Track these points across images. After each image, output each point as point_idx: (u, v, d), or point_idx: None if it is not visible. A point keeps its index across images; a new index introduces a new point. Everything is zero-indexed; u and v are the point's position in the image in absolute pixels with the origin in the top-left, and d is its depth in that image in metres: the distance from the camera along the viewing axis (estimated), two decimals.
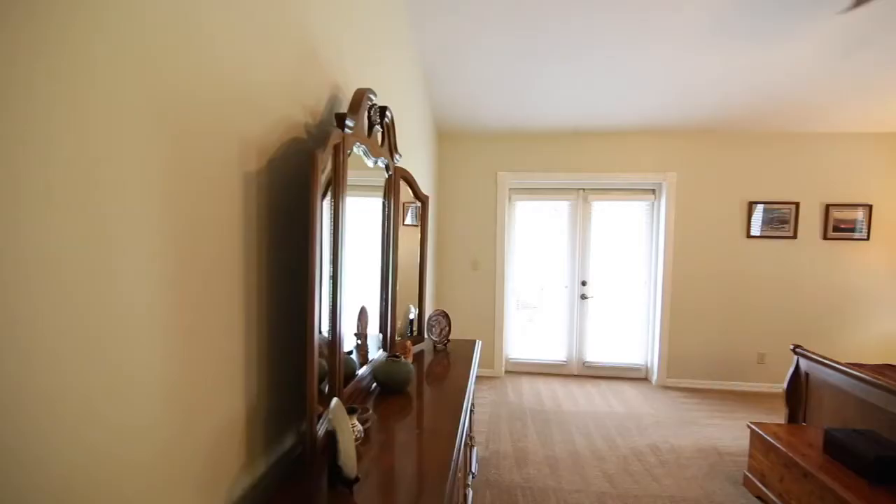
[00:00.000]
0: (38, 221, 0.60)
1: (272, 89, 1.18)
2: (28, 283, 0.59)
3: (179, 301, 0.85)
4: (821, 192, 4.12)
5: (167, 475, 0.83)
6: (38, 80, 0.59)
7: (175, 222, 0.83)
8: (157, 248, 0.79)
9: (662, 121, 4.02)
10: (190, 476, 0.89)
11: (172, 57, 0.81)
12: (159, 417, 0.81)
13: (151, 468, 0.80)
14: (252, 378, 1.10)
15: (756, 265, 4.20)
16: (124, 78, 0.72)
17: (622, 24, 2.80)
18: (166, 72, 0.80)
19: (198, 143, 0.89)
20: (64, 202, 0.63)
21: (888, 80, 3.30)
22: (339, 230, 1.37)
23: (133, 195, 0.74)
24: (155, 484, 0.81)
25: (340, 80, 1.72)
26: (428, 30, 2.93)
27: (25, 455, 0.59)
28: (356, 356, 1.81)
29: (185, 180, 0.86)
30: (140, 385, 0.77)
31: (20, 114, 0.57)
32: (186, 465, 0.88)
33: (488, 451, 3.01)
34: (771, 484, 2.40)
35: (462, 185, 4.52)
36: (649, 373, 4.48)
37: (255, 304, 1.11)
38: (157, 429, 0.81)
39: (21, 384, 0.58)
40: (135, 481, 0.76)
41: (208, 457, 0.95)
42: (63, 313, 0.63)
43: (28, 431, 0.59)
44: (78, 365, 0.66)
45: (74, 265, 0.65)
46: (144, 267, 0.77)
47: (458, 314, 4.41)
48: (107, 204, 0.69)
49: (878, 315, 4.11)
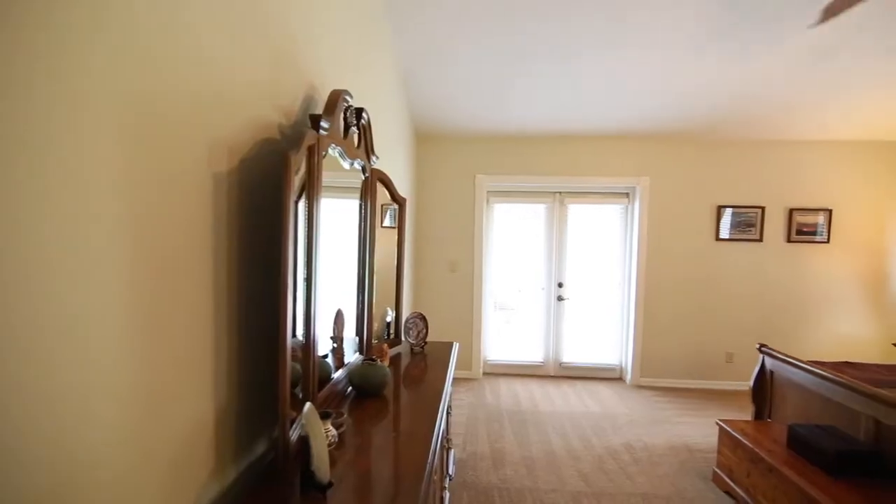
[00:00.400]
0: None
1: (244, 89, 1.16)
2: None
3: (141, 302, 0.82)
4: (785, 197, 4.29)
5: (128, 484, 0.81)
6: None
7: (137, 222, 0.81)
8: (117, 248, 0.77)
9: (637, 126, 4.12)
10: (153, 484, 0.87)
11: (137, 54, 0.79)
12: (119, 425, 0.78)
13: (111, 477, 0.77)
14: (222, 383, 1.08)
15: (725, 267, 4.34)
16: (84, 75, 0.69)
17: (599, 31, 2.86)
18: (130, 70, 0.78)
19: (164, 143, 0.87)
20: (18, 202, 0.60)
21: (847, 93, 3.47)
22: (314, 232, 1.35)
23: (92, 194, 0.71)
24: (115, 494, 0.78)
25: (317, 81, 1.70)
26: (407, 32, 2.93)
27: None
28: (332, 360, 1.79)
29: (150, 179, 0.84)
30: (96, 389, 0.74)
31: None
32: (149, 474, 0.86)
33: (466, 452, 3.01)
34: (738, 479, 2.48)
35: (440, 187, 4.53)
36: (624, 373, 4.57)
37: (225, 307, 1.08)
38: (117, 436, 0.78)
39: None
40: (93, 491, 0.73)
41: (174, 464, 0.92)
42: (13, 314, 0.61)
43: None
44: (24, 368, 0.63)
45: (21, 266, 0.62)
46: (100, 267, 0.74)
47: (436, 316, 4.41)
48: (64, 204, 0.67)
49: (838, 315, 4.30)
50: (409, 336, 2.45)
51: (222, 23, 1.05)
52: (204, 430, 1.02)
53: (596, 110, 3.88)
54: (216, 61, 1.03)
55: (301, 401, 1.30)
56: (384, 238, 2.48)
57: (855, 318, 4.30)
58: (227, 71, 1.08)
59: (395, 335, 2.45)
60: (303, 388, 1.36)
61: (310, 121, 1.38)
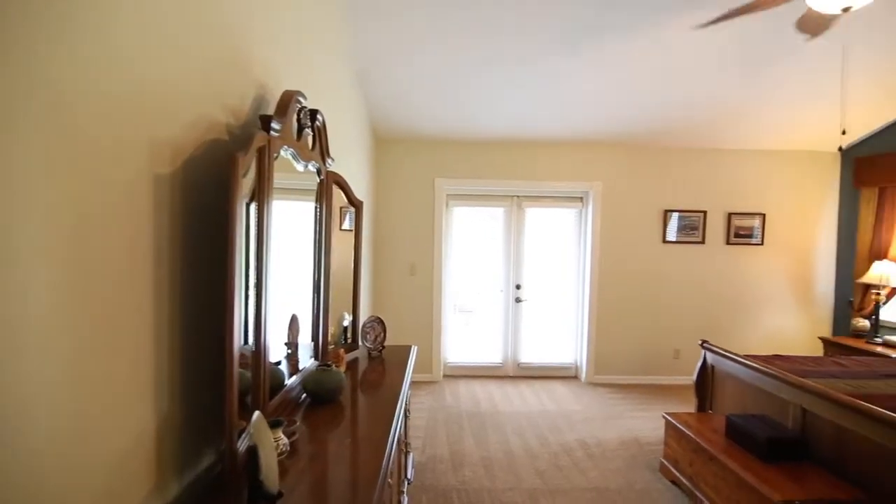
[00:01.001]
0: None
1: (190, 88, 1.12)
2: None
3: (69, 307, 0.78)
4: (724, 202, 4.58)
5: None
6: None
7: (68, 225, 0.76)
8: (42, 247, 0.72)
9: (590, 133, 4.27)
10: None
11: (66, 50, 0.75)
12: (41, 447, 0.74)
13: (35, 498, 0.72)
14: (164, 393, 1.03)
15: (671, 268, 4.58)
16: (6, 73, 0.65)
17: (553, 41, 2.95)
18: (58, 67, 0.74)
19: (97, 143, 0.83)
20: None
21: (778, 107, 3.76)
22: (265, 236, 1.32)
23: (16, 193, 0.67)
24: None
25: (269, 82, 1.67)
26: (365, 36, 2.91)
27: None
28: (286, 366, 1.75)
29: (82, 180, 0.79)
30: (14, 404, 0.69)
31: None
32: (80, 492, 0.81)
33: (425, 455, 3.02)
34: (683, 469, 2.62)
35: (400, 190, 4.52)
36: (579, 371, 4.72)
37: (167, 313, 1.04)
38: (40, 461, 0.73)
39: None
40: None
41: (108, 481, 0.87)
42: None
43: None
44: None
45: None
46: (21, 268, 0.69)
47: (395, 320, 4.38)
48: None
49: (771, 311, 4.64)
50: (366, 340, 2.43)
51: (165, 20, 1.01)
52: (143, 445, 0.97)
53: (551, 117, 3.99)
54: (159, 60, 0.99)
55: (251, 410, 1.26)
56: (342, 241, 2.45)
57: (786, 314, 4.64)
58: (171, 69, 1.04)
59: (353, 340, 2.42)
60: (253, 396, 1.32)
61: (260, 122, 1.35)
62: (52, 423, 0.74)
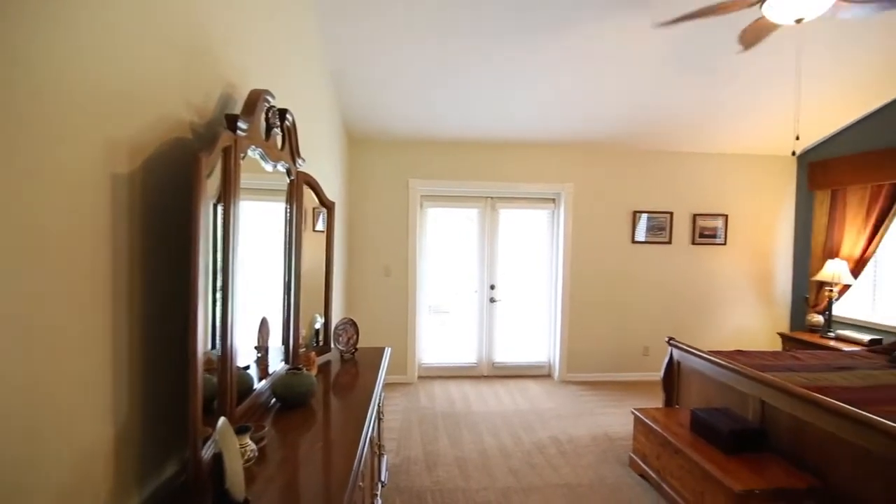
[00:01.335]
0: None
1: (152, 85, 1.08)
2: None
3: (18, 313, 0.74)
4: (689, 204, 4.74)
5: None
6: None
7: (14, 226, 0.73)
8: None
9: (562, 135, 4.35)
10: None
11: (12, 46, 0.72)
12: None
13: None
14: (123, 401, 0.99)
15: (640, 268, 4.70)
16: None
17: (524, 45, 2.99)
18: (2, 66, 0.70)
19: (47, 142, 0.79)
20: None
21: (740, 114, 3.92)
22: (231, 238, 1.29)
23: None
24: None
25: (236, 80, 1.63)
26: (337, 37, 2.88)
27: None
28: (255, 370, 1.72)
29: (31, 179, 0.76)
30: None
31: None
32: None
33: (399, 457, 3.00)
34: (651, 462, 2.70)
35: (374, 191, 4.49)
36: (552, 369, 4.79)
37: (127, 317, 1.00)
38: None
39: None
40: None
41: (60, 497, 0.83)
42: None
43: None
44: None
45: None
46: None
47: (370, 321, 4.36)
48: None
49: (733, 308, 4.82)
50: (338, 343, 2.40)
51: (122, 15, 0.98)
52: (100, 456, 0.93)
53: (523, 119, 4.04)
54: (115, 56, 0.95)
55: (218, 416, 1.23)
56: (314, 242, 2.42)
57: (747, 310, 4.84)
58: (129, 66, 1.01)
59: (325, 342, 2.39)
60: (219, 402, 1.29)
61: (226, 121, 1.32)
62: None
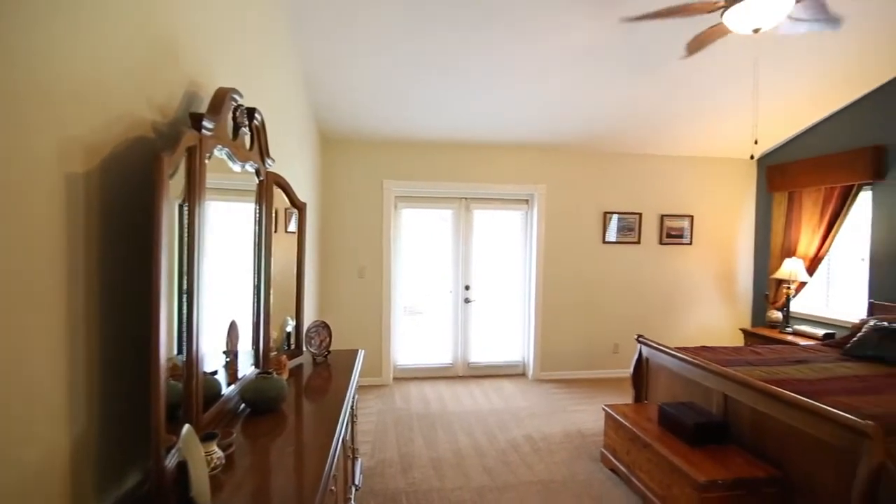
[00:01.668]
0: None
1: (111, 82, 1.05)
2: None
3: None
4: (657, 205, 4.88)
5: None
6: None
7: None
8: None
9: (535, 137, 4.41)
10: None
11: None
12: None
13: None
14: (80, 409, 0.96)
15: (610, 267, 4.82)
16: None
17: (495, 48, 3.01)
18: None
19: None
20: None
21: (703, 118, 4.07)
22: (196, 240, 1.25)
23: None
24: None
25: (202, 79, 1.59)
26: (309, 37, 2.84)
27: None
28: (224, 375, 1.68)
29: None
30: None
31: None
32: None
33: (374, 460, 2.98)
34: (621, 457, 2.76)
35: (348, 192, 4.45)
36: (526, 368, 4.85)
37: (83, 322, 0.96)
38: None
39: None
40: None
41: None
42: None
43: None
44: None
45: None
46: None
47: (344, 323, 4.31)
48: None
49: (699, 305, 5.00)
50: (311, 345, 2.37)
51: (80, 9, 0.94)
52: (55, 465, 0.89)
53: (497, 121, 4.08)
54: (71, 52, 0.92)
55: (183, 423, 1.20)
56: (288, 244, 2.38)
57: (712, 308, 5.02)
58: (89, 62, 0.97)
59: (297, 345, 2.35)
60: (185, 409, 1.25)
61: (190, 120, 1.28)
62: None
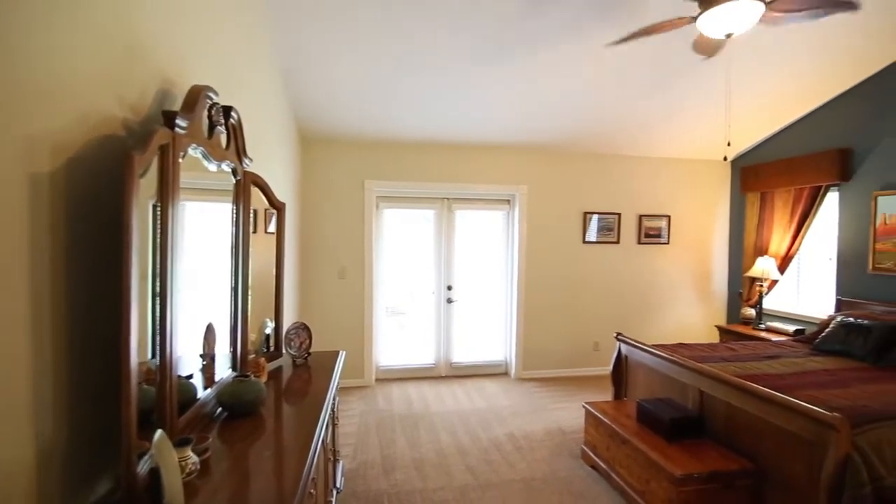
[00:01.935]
0: None
1: (75, 78, 1.01)
2: None
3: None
4: (636, 205, 4.97)
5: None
6: None
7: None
8: None
9: (516, 138, 4.44)
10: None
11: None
12: None
13: None
14: (46, 415, 0.93)
15: (590, 267, 4.89)
16: None
17: (479, 51, 3.03)
18: None
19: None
20: None
21: (674, 120, 4.16)
22: (169, 241, 1.23)
23: None
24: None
25: (176, 76, 1.55)
26: (288, 35, 2.80)
27: None
28: (201, 379, 1.65)
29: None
30: None
31: None
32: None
33: (356, 462, 2.96)
34: (601, 453, 2.80)
35: (329, 192, 4.40)
36: (509, 367, 4.88)
37: (49, 327, 0.93)
38: None
39: None
40: None
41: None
42: None
43: None
44: None
45: None
46: None
47: (325, 325, 4.27)
48: None
49: (676, 303, 5.11)
50: (290, 347, 2.34)
51: (49, 6, 0.91)
52: (20, 473, 0.86)
53: (480, 122, 4.10)
54: (35, 47, 0.89)
55: (156, 428, 1.17)
56: (267, 245, 2.34)
57: (689, 305, 5.14)
58: (55, 59, 0.94)
59: (276, 347, 2.32)
60: (158, 414, 1.23)
61: (163, 118, 1.25)
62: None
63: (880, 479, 1.84)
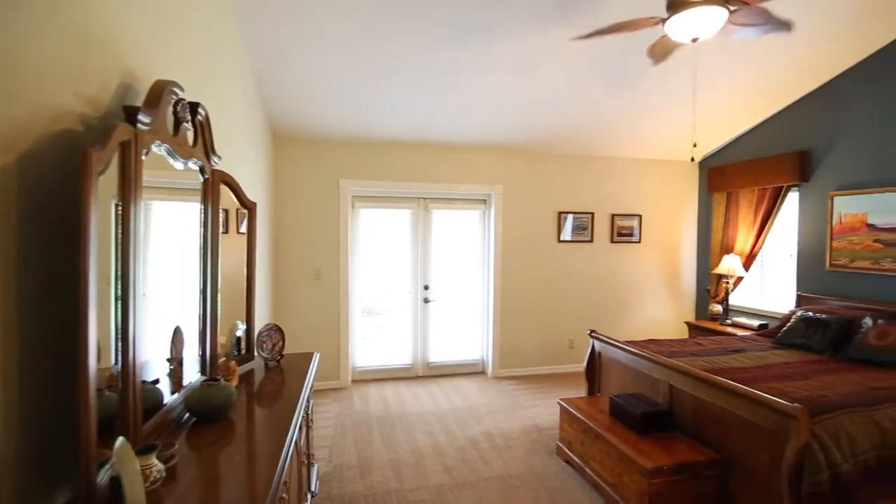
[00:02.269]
0: None
1: (29, 70, 0.97)
2: None
3: None
4: (609, 204, 5.07)
5: None
6: None
7: None
8: None
9: (492, 138, 4.47)
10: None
11: None
12: None
13: None
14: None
15: (565, 265, 4.96)
16: None
17: (455, 49, 3.03)
18: None
19: None
20: None
21: (642, 122, 4.26)
22: (131, 241, 1.19)
23: None
24: None
25: (139, 70, 1.50)
26: (260, 32, 2.74)
27: None
28: (168, 383, 1.60)
29: None
30: None
31: None
32: None
33: (332, 464, 2.92)
34: (575, 449, 2.85)
35: (303, 191, 4.33)
36: (486, 366, 4.91)
37: (1, 331, 0.88)
38: None
39: None
40: None
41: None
42: None
43: None
44: None
45: None
46: None
47: (300, 326, 4.20)
48: None
49: (648, 300, 5.24)
50: (262, 350, 2.29)
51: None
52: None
53: (455, 122, 4.10)
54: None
55: (118, 436, 1.13)
56: (239, 245, 2.29)
57: (659, 302, 5.28)
58: (4, 46, 0.89)
59: (248, 350, 2.27)
60: (121, 421, 1.18)
61: (124, 113, 1.21)
62: None
63: (837, 465, 1.93)
